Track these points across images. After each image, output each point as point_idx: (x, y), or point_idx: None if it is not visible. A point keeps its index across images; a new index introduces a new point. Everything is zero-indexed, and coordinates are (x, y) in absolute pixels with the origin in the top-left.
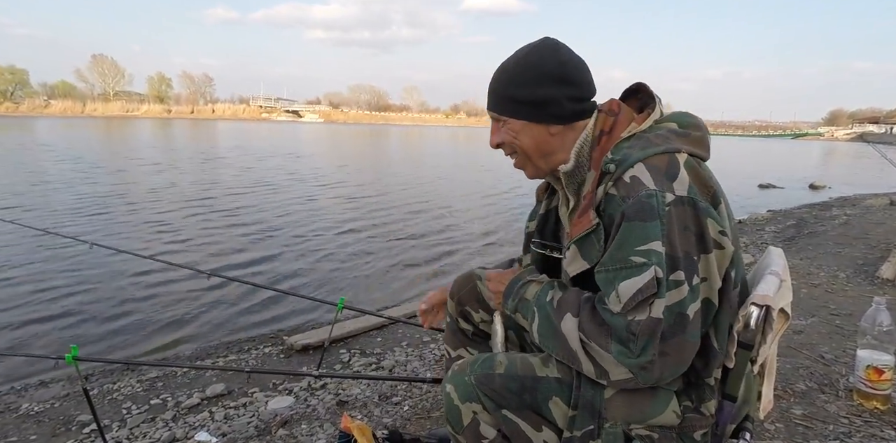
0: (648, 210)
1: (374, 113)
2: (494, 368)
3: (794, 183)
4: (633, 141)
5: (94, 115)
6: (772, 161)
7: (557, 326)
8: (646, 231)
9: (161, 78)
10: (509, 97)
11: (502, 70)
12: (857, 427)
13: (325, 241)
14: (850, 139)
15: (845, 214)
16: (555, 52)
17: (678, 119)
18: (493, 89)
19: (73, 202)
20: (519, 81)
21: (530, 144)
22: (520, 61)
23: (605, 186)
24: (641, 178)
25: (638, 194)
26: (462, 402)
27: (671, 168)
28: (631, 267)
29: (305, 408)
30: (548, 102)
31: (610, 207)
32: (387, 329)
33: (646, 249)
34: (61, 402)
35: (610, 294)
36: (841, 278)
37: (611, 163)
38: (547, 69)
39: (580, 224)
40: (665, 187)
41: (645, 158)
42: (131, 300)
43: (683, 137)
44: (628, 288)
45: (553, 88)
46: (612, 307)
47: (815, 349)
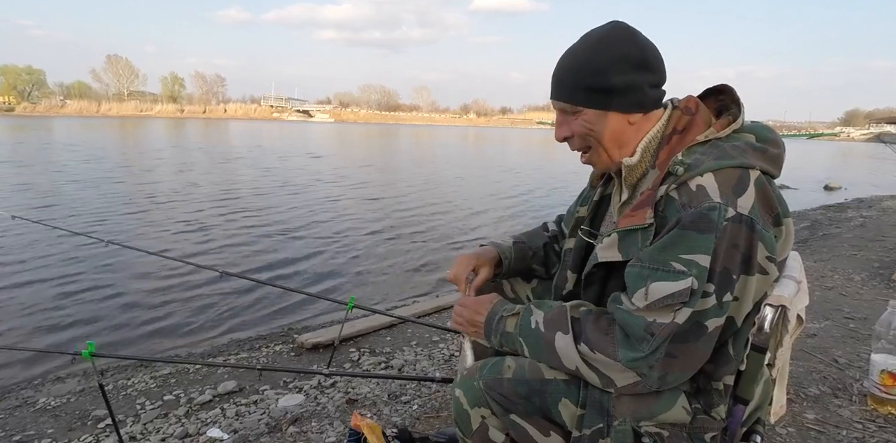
0: (707, 222)
1: (383, 113)
2: (503, 372)
3: (809, 184)
4: (708, 148)
5: (109, 114)
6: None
7: (551, 348)
8: (696, 242)
9: (174, 78)
10: (585, 86)
11: (573, 56)
12: (871, 432)
13: (336, 240)
14: (867, 140)
15: (861, 215)
16: (632, 36)
17: (758, 132)
18: (561, 78)
19: (95, 201)
20: (596, 68)
21: (609, 135)
22: (594, 46)
23: (667, 186)
24: (708, 189)
25: (700, 205)
26: (471, 406)
27: (740, 184)
28: (669, 271)
29: (315, 406)
30: (630, 89)
31: (667, 210)
32: (396, 328)
33: (689, 259)
34: (77, 397)
35: (638, 290)
36: (856, 281)
37: (680, 165)
38: (625, 53)
39: (632, 218)
40: (729, 202)
41: (717, 169)
42: (145, 297)
43: (760, 152)
44: (661, 289)
45: (635, 74)
46: (636, 303)
47: (828, 353)
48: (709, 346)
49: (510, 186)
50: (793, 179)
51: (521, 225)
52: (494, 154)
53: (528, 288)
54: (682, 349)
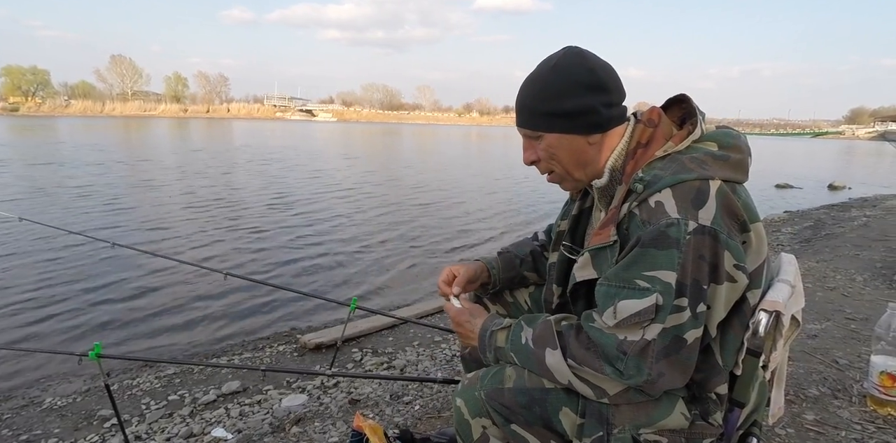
0: (665, 239)
1: (386, 112)
2: (504, 382)
3: (813, 183)
4: (667, 162)
5: (113, 114)
6: (790, 160)
7: (542, 364)
8: (658, 258)
9: (178, 78)
10: (542, 111)
11: (530, 84)
12: (870, 433)
13: (339, 240)
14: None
15: (865, 215)
16: (581, 60)
17: (719, 139)
18: (522, 105)
19: (101, 203)
20: (550, 94)
21: (569, 157)
22: (547, 74)
23: (629, 203)
24: (666, 205)
25: (659, 222)
26: (472, 417)
27: (699, 196)
28: (634, 289)
29: (318, 406)
30: (583, 112)
31: (630, 227)
32: (398, 329)
33: (652, 276)
34: (83, 397)
35: (607, 309)
36: (858, 282)
37: (638, 182)
38: (577, 78)
39: (599, 236)
40: (689, 216)
41: (674, 184)
42: (151, 299)
43: (721, 160)
44: (627, 308)
45: (587, 97)
46: (606, 321)
47: (829, 354)
48: (692, 356)
49: (513, 184)
50: (797, 178)
51: (524, 224)
52: (497, 153)
53: (525, 293)
54: (666, 365)
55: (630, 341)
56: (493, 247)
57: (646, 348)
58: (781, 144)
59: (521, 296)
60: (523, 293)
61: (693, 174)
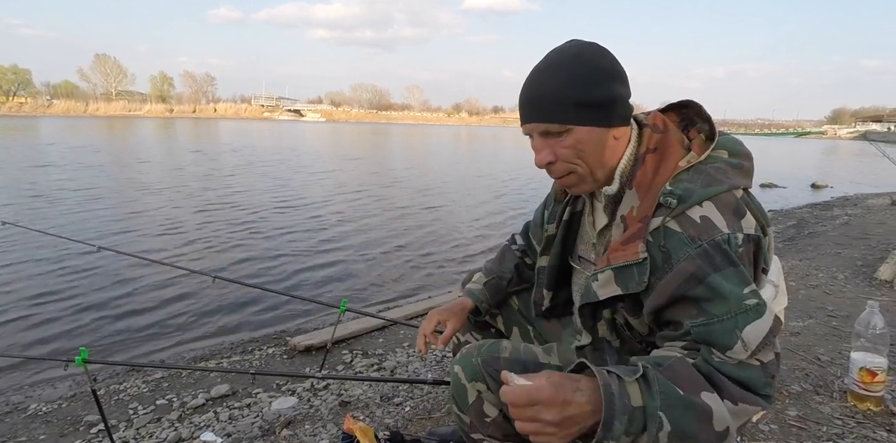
0: (728, 256)
1: (375, 112)
2: (500, 352)
3: (796, 182)
4: (693, 174)
5: (97, 114)
6: (774, 160)
7: (706, 413)
8: (742, 275)
9: (163, 77)
10: (573, 101)
11: (552, 73)
12: (850, 428)
13: (328, 242)
14: (853, 138)
15: (846, 214)
16: (602, 50)
17: (728, 147)
18: (543, 96)
19: (85, 206)
20: (582, 82)
21: (596, 153)
22: (572, 61)
23: (662, 218)
24: (713, 219)
25: (712, 237)
26: (468, 381)
27: (738, 207)
28: (747, 311)
29: (309, 409)
30: (614, 102)
31: (669, 243)
32: (389, 330)
33: (752, 291)
34: (69, 402)
35: (734, 344)
36: (840, 280)
37: (670, 197)
38: (606, 66)
39: (623, 252)
40: (736, 228)
41: (712, 196)
42: (137, 303)
43: (738, 169)
44: (756, 333)
45: (619, 87)
46: (735, 356)
47: (811, 351)
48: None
49: (502, 183)
50: (781, 177)
51: (514, 221)
52: (486, 153)
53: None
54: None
55: (769, 362)
56: (482, 248)
57: (779, 359)
58: (766, 144)
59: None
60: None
61: (724, 186)
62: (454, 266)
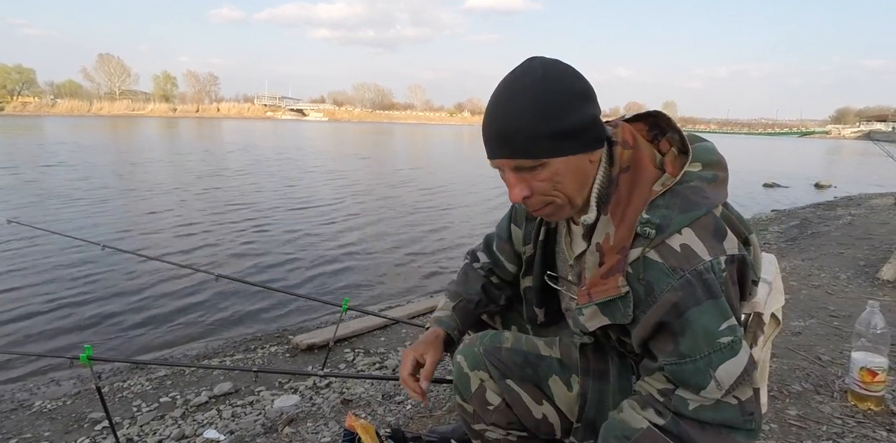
0: (712, 286)
1: (378, 111)
2: (502, 342)
3: (800, 182)
4: (669, 198)
5: (101, 114)
6: (777, 160)
7: None
8: (721, 308)
9: (166, 77)
10: (546, 134)
11: (518, 104)
12: (850, 428)
13: (331, 241)
14: (857, 137)
15: (850, 213)
16: (566, 67)
17: (701, 157)
18: (513, 131)
19: (90, 204)
20: (552, 111)
21: (575, 181)
22: (538, 88)
23: (642, 249)
24: (694, 247)
25: (695, 267)
26: (471, 369)
27: (717, 229)
28: (720, 349)
29: (311, 406)
30: (589, 126)
31: (649, 273)
32: (390, 329)
33: (728, 327)
34: (73, 399)
35: (707, 384)
36: (842, 280)
37: (648, 226)
38: (574, 87)
39: (603, 287)
40: (718, 252)
41: (692, 221)
42: (141, 301)
43: (713, 182)
44: (730, 372)
45: (588, 107)
46: (709, 396)
47: (812, 350)
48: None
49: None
50: (784, 177)
51: None
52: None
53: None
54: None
55: (747, 399)
56: None
57: (758, 394)
58: (769, 144)
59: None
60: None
61: (702, 209)
62: (456, 264)
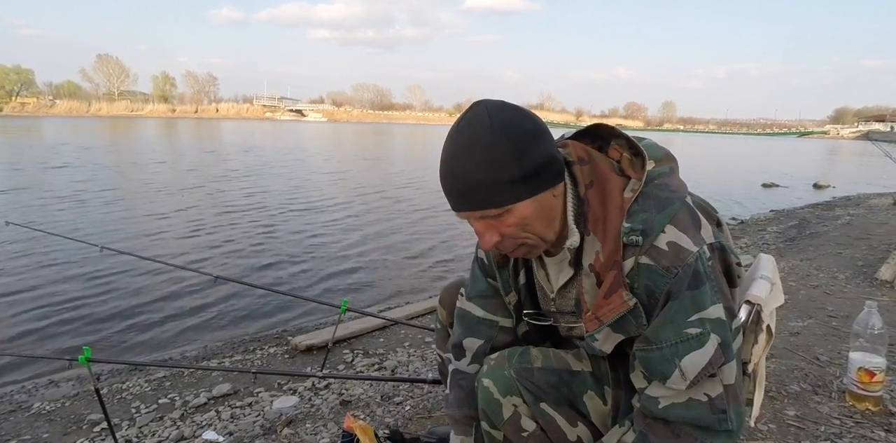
0: (697, 276)
1: (377, 112)
2: (532, 362)
3: (798, 182)
4: (643, 201)
5: (100, 114)
6: (776, 160)
7: None
8: (696, 299)
9: (165, 77)
10: (506, 182)
11: (473, 157)
12: (848, 428)
13: (330, 243)
14: (856, 138)
15: (848, 214)
16: (512, 109)
17: (652, 155)
18: (473, 184)
19: (88, 205)
20: (508, 159)
21: (543, 220)
22: (490, 137)
23: (634, 258)
24: (680, 242)
25: (685, 261)
26: (503, 395)
27: (693, 219)
28: (688, 340)
29: (310, 408)
30: (547, 163)
31: (648, 278)
32: (389, 330)
33: (699, 319)
34: (72, 401)
35: (670, 373)
36: (840, 280)
37: (633, 234)
38: (524, 130)
39: (610, 307)
40: (700, 242)
41: (670, 219)
42: (140, 302)
43: (671, 175)
44: (693, 363)
45: (543, 144)
46: (675, 386)
47: (810, 351)
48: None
49: None
50: (783, 177)
51: None
52: None
53: None
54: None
55: (717, 395)
56: None
57: (733, 392)
58: (768, 144)
59: None
60: None
61: (676, 203)
62: (455, 265)
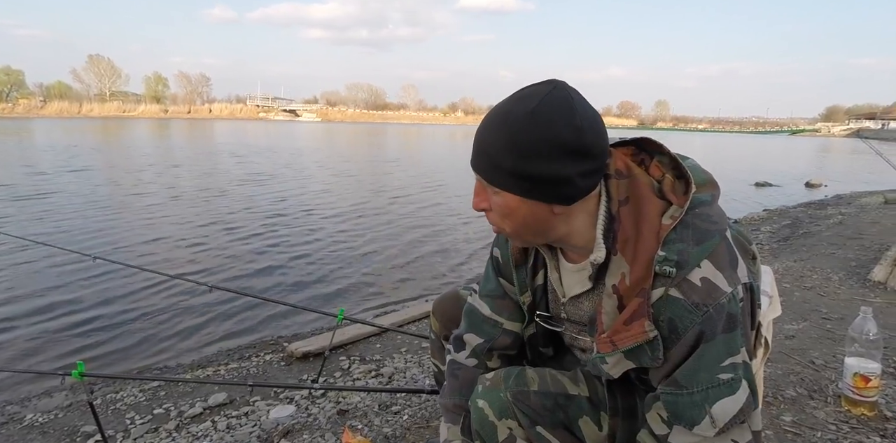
0: (731, 319)
1: (371, 112)
2: (529, 384)
3: (791, 181)
4: (682, 231)
5: (91, 115)
6: (768, 158)
7: None
8: (730, 343)
9: (157, 78)
10: (505, 168)
11: (497, 128)
12: (844, 434)
13: (326, 249)
14: (846, 135)
15: (840, 213)
16: (569, 111)
17: (696, 179)
18: (482, 150)
19: (80, 214)
20: (520, 150)
21: (525, 223)
22: (522, 121)
23: (664, 289)
24: (714, 280)
25: (717, 301)
26: (498, 418)
27: (731, 257)
28: (719, 385)
29: (307, 417)
30: (556, 181)
31: (673, 312)
32: (386, 336)
33: (731, 363)
34: (65, 412)
35: (701, 420)
36: (834, 281)
37: (667, 265)
38: (561, 139)
39: (628, 334)
40: (735, 282)
41: (708, 254)
42: (134, 312)
43: (713, 204)
44: (726, 410)
45: (568, 164)
46: (703, 433)
47: (805, 354)
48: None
49: None
50: (775, 175)
51: None
52: None
53: None
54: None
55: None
56: (483, 254)
57: (759, 438)
58: (760, 142)
59: None
60: None
61: (716, 237)
62: (451, 271)
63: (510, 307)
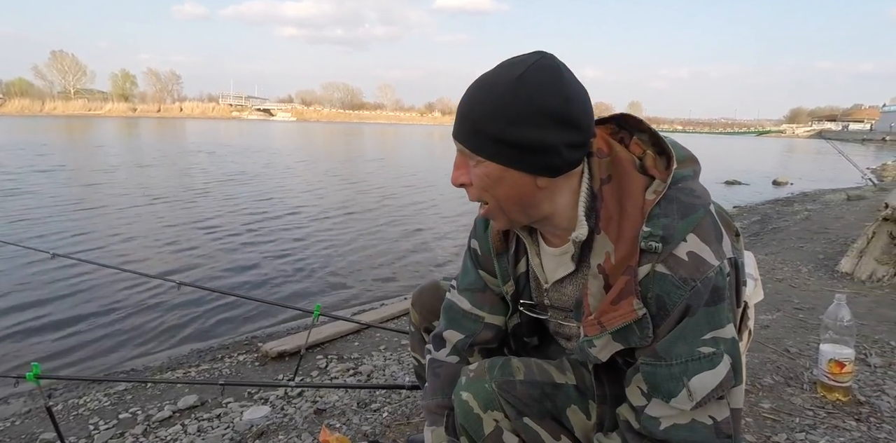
0: (717, 292)
1: (347, 111)
2: (514, 374)
3: (759, 179)
4: (666, 205)
5: (54, 113)
6: (737, 157)
7: None
8: (713, 316)
9: (125, 75)
10: (489, 134)
11: (483, 94)
12: (821, 418)
13: (300, 245)
14: (810, 136)
15: (806, 209)
16: (557, 80)
17: (677, 155)
18: (465, 116)
19: (38, 209)
20: (506, 116)
21: (509, 195)
22: (508, 87)
23: (651, 265)
24: (701, 253)
25: (705, 275)
26: (484, 410)
27: (715, 230)
28: (699, 359)
29: (282, 418)
30: (542, 149)
31: (661, 288)
32: (364, 333)
33: (713, 337)
34: (23, 419)
35: (677, 392)
36: (803, 273)
37: (652, 240)
38: (548, 107)
39: (616, 313)
40: (721, 255)
41: (693, 227)
42: (97, 312)
43: (695, 178)
44: (704, 383)
45: (554, 132)
46: (680, 406)
47: (780, 343)
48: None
49: None
50: (744, 174)
51: None
52: None
53: None
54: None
55: (723, 419)
56: (460, 250)
57: (738, 416)
58: (729, 142)
59: None
60: None
61: (700, 211)
62: (429, 267)
63: (491, 300)
